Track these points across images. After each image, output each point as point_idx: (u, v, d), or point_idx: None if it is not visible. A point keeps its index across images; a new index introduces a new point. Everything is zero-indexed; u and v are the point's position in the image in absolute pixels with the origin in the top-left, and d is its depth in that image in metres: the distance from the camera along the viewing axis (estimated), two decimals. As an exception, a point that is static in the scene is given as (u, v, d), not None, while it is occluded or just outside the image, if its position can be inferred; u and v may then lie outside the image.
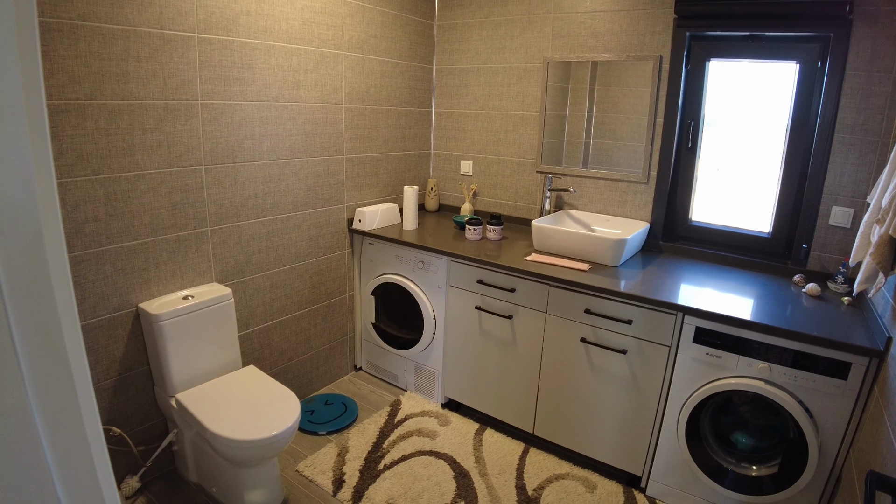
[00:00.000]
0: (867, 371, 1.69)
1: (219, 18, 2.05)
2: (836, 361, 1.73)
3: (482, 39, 3.00)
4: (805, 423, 1.78)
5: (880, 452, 1.45)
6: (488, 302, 2.46)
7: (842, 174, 2.21)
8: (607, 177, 2.75)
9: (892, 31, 2.02)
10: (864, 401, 1.72)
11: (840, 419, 1.77)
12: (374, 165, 2.92)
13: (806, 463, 1.81)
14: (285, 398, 2.04)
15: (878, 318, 1.80)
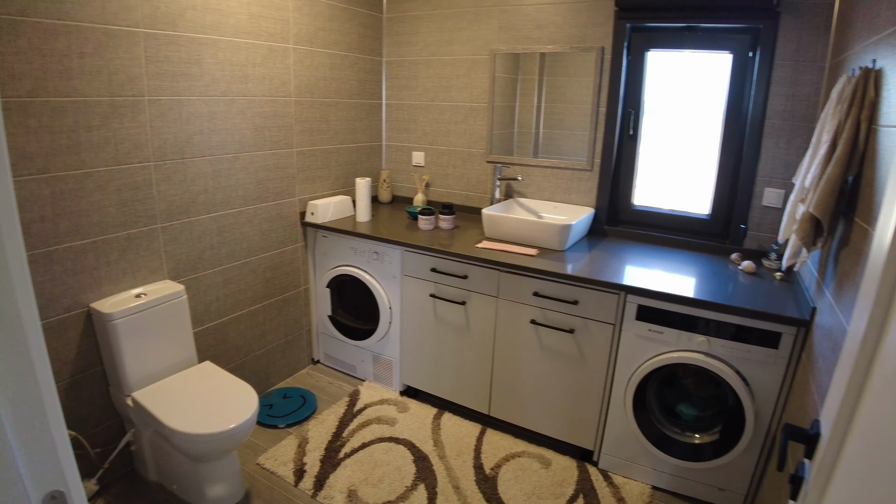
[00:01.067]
0: (796, 339, 1.91)
1: (164, 13, 2.09)
2: (768, 332, 1.93)
3: (431, 32, 3.12)
4: (742, 391, 1.99)
5: (805, 412, 1.65)
6: (442, 289, 2.60)
7: (773, 158, 2.44)
8: (554, 165, 2.92)
9: (817, 23, 2.25)
10: (794, 367, 1.94)
11: (773, 386, 1.98)
12: (325, 158, 3.00)
13: (744, 428, 2.03)
14: (243, 391, 2.12)
15: (805, 291, 2.02)
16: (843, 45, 2.01)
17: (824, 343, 1.60)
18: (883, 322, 0.77)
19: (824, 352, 1.58)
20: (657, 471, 2.30)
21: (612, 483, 2.34)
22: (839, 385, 0.88)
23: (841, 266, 1.58)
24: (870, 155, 1.46)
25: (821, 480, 0.87)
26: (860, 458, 0.76)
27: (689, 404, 2.30)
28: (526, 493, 2.26)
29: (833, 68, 2.15)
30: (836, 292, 1.57)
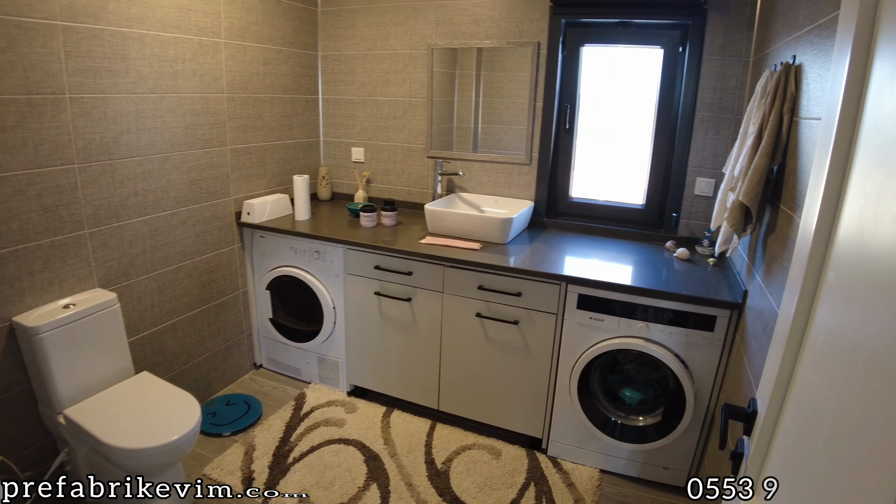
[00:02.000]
0: (730, 322, 2.08)
1: (85, 5, 2.03)
2: (704, 316, 2.10)
3: (367, 26, 3.15)
4: (681, 373, 2.16)
5: (741, 390, 1.82)
6: (387, 287, 2.65)
7: (703, 148, 2.64)
8: (494, 160, 3.03)
9: (740, 20, 2.45)
10: (729, 348, 2.12)
11: (710, 367, 2.16)
12: (260, 155, 2.99)
13: (684, 409, 2.20)
14: (184, 401, 2.10)
15: (737, 275, 2.21)
16: (765, 41, 2.20)
17: (756, 324, 1.77)
18: (811, 304, 0.88)
19: (756, 332, 1.74)
20: (605, 454, 2.46)
21: (562, 469, 2.47)
22: (772, 365, 0.99)
23: (769, 251, 1.75)
24: (792, 145, 1.63)
25: (759, 455, 0.99)
26: (795, 432, 0.86)
27: (632, 388, 2.46)
28: (478, 485, 2.35)
29: (756, 63, 2.35)
30: (766, 275, 1.74)
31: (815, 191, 0.88)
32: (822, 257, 0.86)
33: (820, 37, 1.44)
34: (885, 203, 0.63)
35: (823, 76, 1.39)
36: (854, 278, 0.73)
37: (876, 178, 0.68)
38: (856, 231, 0.74)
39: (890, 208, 0.61)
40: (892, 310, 0.58)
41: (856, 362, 0.67)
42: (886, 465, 0.52)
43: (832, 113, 0.84)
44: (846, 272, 0.76)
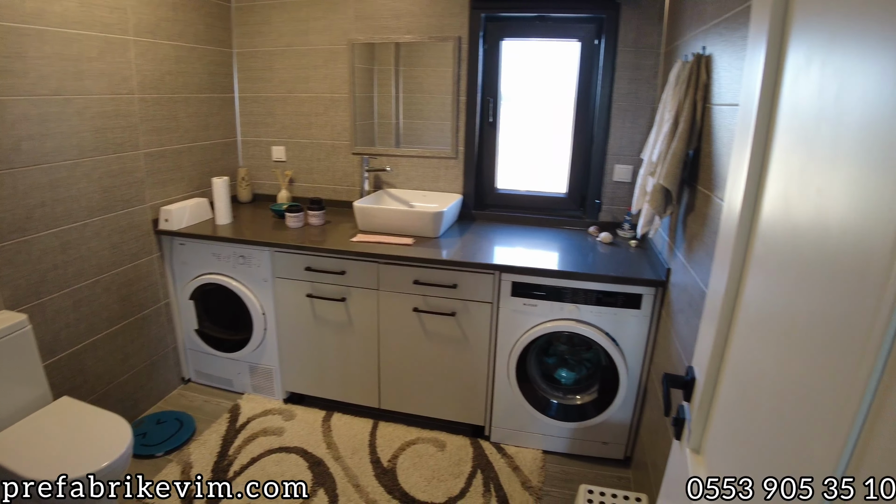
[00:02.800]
0: (655, 298, 2.28)
1: (-28, 2, 1.94)
2: (630, 294, 2.29)
3: (284, 21, 3.14)
4: (613, 350, 2.33)
5: (671, 361, 2.00)
6: (319, 288, 2.68)
7: (621, 137, 2.84)
8: (420, 154, 3.11)
9: (652, 13, 2.66)
10: (656, 324, 2.31)
11: (639, 342, 2.35)
12: (176, 158, 2.92)
13: (618, 385, 2.38)
14: (112, 423, 2.04)
15: (659, 255, 2.40)
16: (676, 33, 2.40)
17: (681, 298, 1.95)
18: (740, 276, 0.98)
19: (682, 306, 1.92)
20: (546, 435, 2.60)
21: (506, 454, 2.60)
22: (707, 335, 1.10)
23: (689, 229, 1.93)
24: (706, 130, 1.81)
25: (701, 418, 1.10)
26: (734, 395, 0.95)
27: (567, 369, 2.62)
28: (426, 478, 2.43)
29: (668, 54, 2.56)
30: (687, 253, 1.92)
31: (739, 171, 0.97)
32: (748, 232, 0.95)
33: (728, 29, 1.61)
34: (809, 177, 0.71)
35: (733, 65, 1.56)
36: (782, 249, 0.80)
37: (800, 155, 0.76)
38: (781, 206, 0.82)
39: (814, 181, 0.70)
40: (818, 276, 0.66)
41: (790, 329, 0.74)
42: (823, 424, 0.60)
43: (751, 99, 0.93)
44: (774, 244, 0.84)
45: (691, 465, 1.09)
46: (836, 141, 0.64)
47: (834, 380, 0.59)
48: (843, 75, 0.64)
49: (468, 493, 2.38)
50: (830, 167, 0.65)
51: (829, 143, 0.66)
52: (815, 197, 0.69)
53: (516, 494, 2.37)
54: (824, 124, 0.68)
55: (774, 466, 0.72)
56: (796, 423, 0.68)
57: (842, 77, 0.64)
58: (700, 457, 1.09)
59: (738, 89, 1.50)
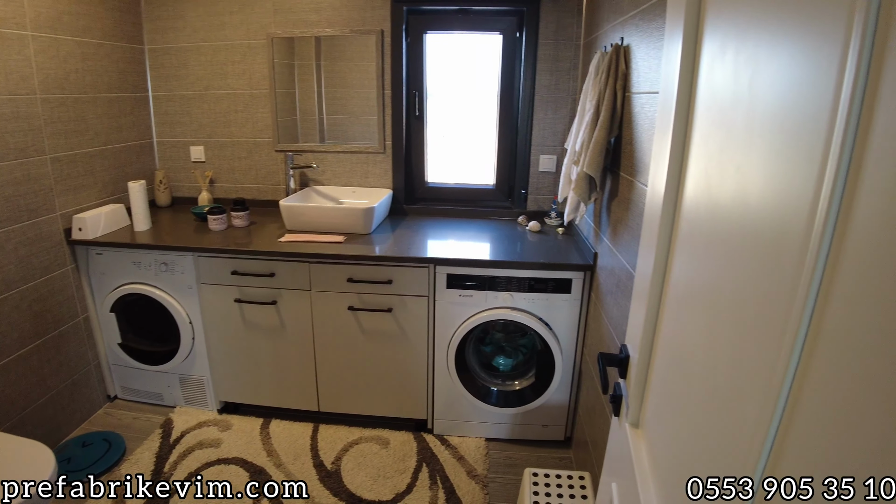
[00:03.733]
0: (584, 282, 2.40)
1: None
2: (560, 280, 2.39)
3: (199, 16, 3.07)
4: (547, 335, 2.44)
5: (603, 342, 2.10)
6: (247, 292, 2.64)
7: (544, 127, 2.94)
8: (347, 150, 3.12)
9: (571, 5, 2.77)
10: (587, 306, 2.42)
11: (572, 325, 2.46)
12: (88, 163, 2.81)
13: (554, 368, 2.48)
14: (31, 451, 1.95)
15: (585, 240, 2.51)
16: (594, 25, 2.50)
17: (609, 281, 2.05)
18: (667, 255, 1.04)
19: (610, 288, 2.03)
20: (488, 423, 2.69)
21: (450, 445, 2.66)
22: (638, 314, 1.15)
23: (613, 214, 2.03)
24: (627, 118, 1.91)
25: (637, 393, 1.16)
26: (668, 369, 1.00)
27: (504, 356, 2.72)
28: (372, 477, 2.46)
29: (587, 45, 2.66)
30: (612, 237, 2.02)
31: (661, 155, 1.04)
32: (672, 213, 1.01)
33: (644, 20, 1.71)
34: (728, 156, 0.77)
35: (650, 55, 1.65)
36: (704, 227, 0.86)
37: (718, 137, 0.82)
38: (703, 185, 0.88)
39: (733, 159, 0.75)
40: (739, 252, 0.72)
41: (715, 303, 0.78)
42: (751, 396, 0.65)
43: (670, 86, 0.99)
44: (697, 223, 0.89)
45: (631, 440, 1.15)
46: (751, 123, 0.70)
47: (758, 350, 0.64)
48: (756, 62, 0.69)
49: (415, 487, 2.43)
50: (747, 148, 0.71)
51: (745, 125, 0.71)
52: (735, 175, 0.74)
53: (462, 484, 2.43)
54: (740, 107, 0.73)
55: (708, 434, 0.77)
56: (727, 392, 0.72)
57: (755, 63, 0.69)
58: (639, 431, 1.15)
59: (656, 78, 1.59)
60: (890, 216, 0.42)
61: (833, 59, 0.50)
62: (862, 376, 0.44)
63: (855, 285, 0.47)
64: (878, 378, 0.42)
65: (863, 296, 0.45)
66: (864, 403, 0.44)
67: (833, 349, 0.50)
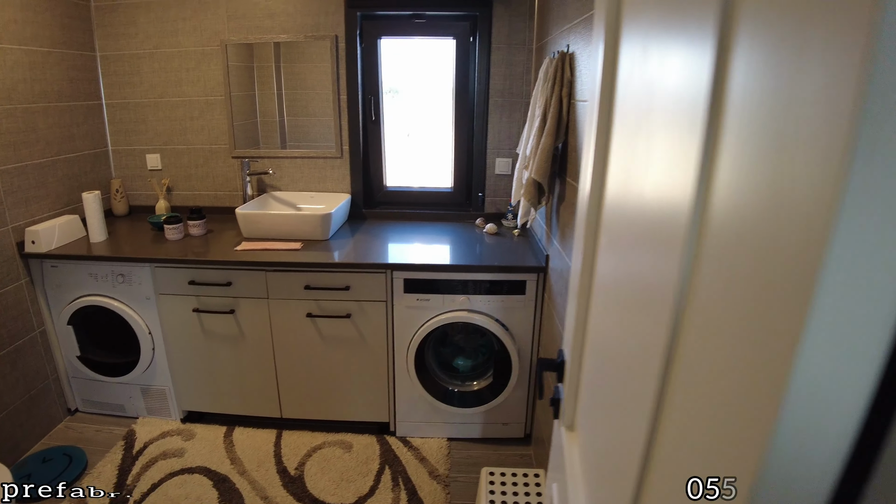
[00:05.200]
0: (538, 284, 2.47)
1: None
2: (515, 282, 2.46)
3: (151, 22, 3.07)
4: (503, 336, 2.50)
5: (554, 342, 2.18)
6: (205, 301, 2.67)
7: (499, 131, 3.01)
8: (304, 155, 3.16)
9: (522, 10, 2.83)
10: (541, 308, 2.50)
11: (527, 326, 2.54)
12: (39, 174, 2.80)
13: (511, 368, 2.55)
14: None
15: (539, 243, 2.59)
16: (544, 30, 2.57)
17: (559, 283, 2.13)
18: (593, 253, 1.08)
19: (560, 290, 2.10)
20: (449, 423, 2.76)
21: (412, 446, 2.72)
22: (570, 315, 1.22)
23: (562, 218, 2.10)
24: (572, 125, 1.97)
25: (571, 396, 1.22)
26: (593, 368, 1.05)
27: (463, 357, 2.78)
28: (335, 481, 2.51)
29: (538, 50, 2.73)
30: (561, 240, 2.10)
31: (588, 157, 1.09)
32: (597, 212, 1.06)
33: (587, 28, 1.77)
34: (638, 153, 0.80)
35: (592, 63, 1.71)
36: (618, 223, 0.90)
37: (631, 135, 0.85)
38: (620, 183, 0.92)
39: (640, 156, 0.78)
40: (640, 242, 0.75)
41: (623, 297, 0.82)
42: (647, 390, 0.67)
43: (594, 90, 1.05)
44: (613, 219, 0.94)
45: (566, 443, 1.21)
46: (652, 119, 0.74)
47: (649, 338, 0.67)
48: (657, 62, 0.73)
49: (378, 489, 2.48)
50: (649, 143, 0.75)
51: (648, 121, 0.75)
52: (642, 170, 0.78)
53: (424, 485, 2.50)
54: (645, 104, 0.77)
55: (622, 426, 0.81)
56: (633, 383, 0.75)
57: (658, 64, 0.73)
58: (573, 433, 1.20)
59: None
60: (737, 206, 0.46)
61: (702, 58, 0.54)
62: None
63: (712, 276, 0.51)
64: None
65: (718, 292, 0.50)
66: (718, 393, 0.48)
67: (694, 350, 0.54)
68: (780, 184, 0.39)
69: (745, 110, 0.45)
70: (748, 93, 0.45)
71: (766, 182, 0.41)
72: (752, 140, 0.44)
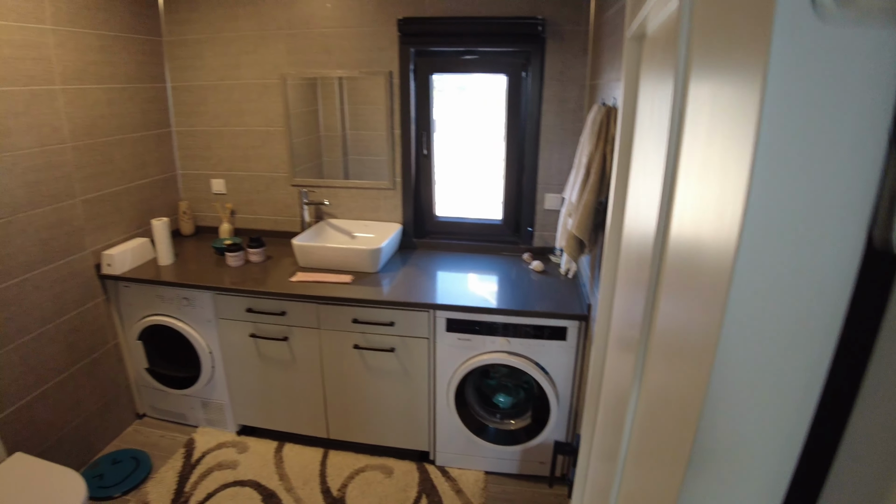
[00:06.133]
0: (579, 331, 2.50)
1: None
2: (556, 328, 2.50)
3: (216, 56, 3.26)
4: (543, 380, 2.55)
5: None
6: (261, 328, 2.85)
7: (549, 166, 3.04)
8: (359, 186, 3.30)
9: (576, 46, 2.84)
10: (582, 354, 2.53)
11: (568, 371, 2.57)
12: (115, 201, 3.04)
13: (549, 412, 2.60)
14: (66, 479, 2.19)
15: (583, 286, 2.62)
16: (598, 69, 2.58)
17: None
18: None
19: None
20: (486, 457, 2.84)
21: (450, 477, 2.83)
22: (590, 409, 1.31)
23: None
24: (615, 182, 1.99)
25: (581, 481, 1.32)
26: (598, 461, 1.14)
27: (505, 393, 2.85)
28: (373, 506, 2.66)
29: (592, 88, 2.74)
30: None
31: (611, 222, 1.18)
32: (615, 260, 1.14)
33: None
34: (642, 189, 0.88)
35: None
36: (626, 265, 0.97)
37: (640, 173, 0.93)
38: (632, 224, 0.98)
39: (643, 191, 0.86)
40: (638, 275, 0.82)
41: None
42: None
43: (621, 142, 1.14)
44: (624, 262, 1.02)
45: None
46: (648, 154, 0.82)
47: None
48: (658, 105, 0.79)
49: (414, 518, 2.61)
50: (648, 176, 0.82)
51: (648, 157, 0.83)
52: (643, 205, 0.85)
53: (459, 517, 2.61)
54: (650, 143, 0.85)
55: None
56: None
57: (660, 106, 0.78)
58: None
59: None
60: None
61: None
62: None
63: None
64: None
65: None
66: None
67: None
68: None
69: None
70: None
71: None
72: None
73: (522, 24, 2.81)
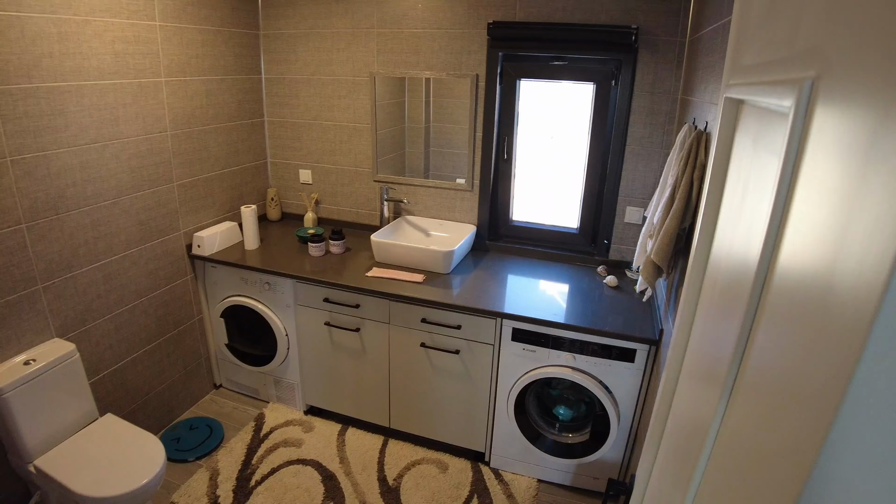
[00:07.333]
0: (648, 355, 2.39)
1: (17, 66, 2.13)
2: (625, 349, 2.40)
3: (309, 51, 3.29)
4: (606, 400, 2.46)
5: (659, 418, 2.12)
6: (336, 317, 2.89)
7: (633, 179, 2.90)
8: (437, 185, 3.26)
9: (669, 58, 2.69)
10: (649, 377, 2.42)
11: (632, 393, 2.47)
12: (207, 186, 3.14)
13: (609, 431, 2.52)
14: (148, 444, 2.32)
15: (658, 310, 2.48)
16: (691, 85, 2.42)
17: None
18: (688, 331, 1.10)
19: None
20: (541, 466, 2.79)
21: (503, 480, 2.80)
22: (647, 453, 1.25)
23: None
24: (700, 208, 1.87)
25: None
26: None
27: (566, 406, 2.78)
28: (427, 500, 2.66)
29: (683, 103, 2.58)
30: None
31: (695, 250, 1.12)
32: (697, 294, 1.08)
33: None
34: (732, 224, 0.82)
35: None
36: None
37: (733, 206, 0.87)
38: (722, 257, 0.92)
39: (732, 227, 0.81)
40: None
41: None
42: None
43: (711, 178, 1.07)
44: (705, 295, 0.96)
45: None
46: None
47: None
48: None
49: (465, 518, 2.60)
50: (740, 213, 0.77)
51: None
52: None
53: (510, 522, 2.58)
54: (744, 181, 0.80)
55: None
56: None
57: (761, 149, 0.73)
58: None
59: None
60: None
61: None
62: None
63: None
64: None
65: None
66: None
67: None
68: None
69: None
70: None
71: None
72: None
73: (616, 32, 2.68)
